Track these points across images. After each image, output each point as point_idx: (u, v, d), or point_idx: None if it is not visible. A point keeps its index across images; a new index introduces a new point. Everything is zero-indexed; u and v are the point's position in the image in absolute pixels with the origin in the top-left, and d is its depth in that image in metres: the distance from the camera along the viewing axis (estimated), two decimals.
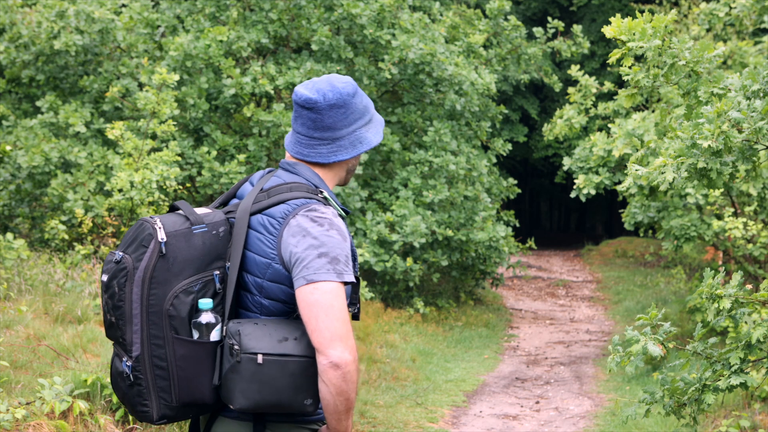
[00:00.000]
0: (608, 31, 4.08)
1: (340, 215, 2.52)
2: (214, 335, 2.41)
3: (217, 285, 2.43)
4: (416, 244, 10.67)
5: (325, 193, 2.52)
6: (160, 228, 2.41)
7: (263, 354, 2.35)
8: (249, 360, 2.34)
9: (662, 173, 3.76)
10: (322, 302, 2.35)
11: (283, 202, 2.46)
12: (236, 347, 2.35)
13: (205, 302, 2.40)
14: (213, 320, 2.41)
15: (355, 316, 2.61)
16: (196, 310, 2.41)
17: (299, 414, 2.45)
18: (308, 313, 2.35)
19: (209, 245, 2.45)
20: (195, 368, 2.40)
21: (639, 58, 4.47)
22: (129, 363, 2.41)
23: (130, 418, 5.13)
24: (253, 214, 2.48)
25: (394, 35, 11.40)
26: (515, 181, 13.79)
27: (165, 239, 2.40)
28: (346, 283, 2.41)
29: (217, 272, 2.44)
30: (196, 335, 2.40)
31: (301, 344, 2.38)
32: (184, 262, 2.41)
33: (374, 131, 2.64)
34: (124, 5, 13.09)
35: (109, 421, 5.02)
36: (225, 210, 2.55)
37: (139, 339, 2.40)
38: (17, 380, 5.20)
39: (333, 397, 2.36)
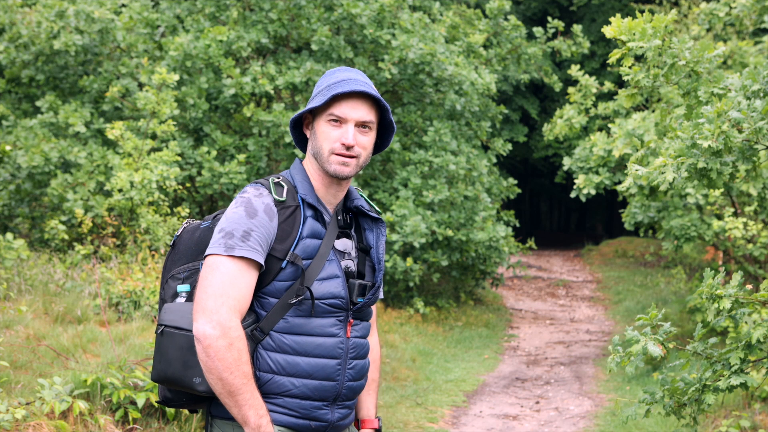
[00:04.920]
0: (608, 31, 4.08)
1: (279, 201, 2.44)
2: None
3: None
4: (416, 244, 10.67)
5: (276, 180, 2.49)
6: (182, 227, 2.61)
7: (164, 326, 2.43)
8: (157, 332, 2.45)
9: (662, 173, 3.75)
10: (202, 275, 2.38)
11: None
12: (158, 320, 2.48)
13: (182, 287, 2.50)
14: None
15: (302, 310, 2.44)
16: (177, 295, 2.52)
17: (195, 392, 2.42)
18: None
19: (202, 237, 2.53)
20: None
21: (639, 58, 4.47)
22: None
23: (130, 417, 5.13)
24: None
25: (394, 35, 11.39)
26: (515, 181, 13.78)
27: (178, 234, 2.58)
28: (261, 265, 2.38)
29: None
30: None
31: None
32: (182, 253, 2.55)
33: (315, 100, 2.53)
34: (124, 5, 13.09)
35: (109, 421, 5.02)
36: None
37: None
38: (17, 380, 5.20)
39: (205, 374, 2.34)
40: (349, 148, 2.48)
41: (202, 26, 10.79)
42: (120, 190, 8.14)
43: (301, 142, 2.65)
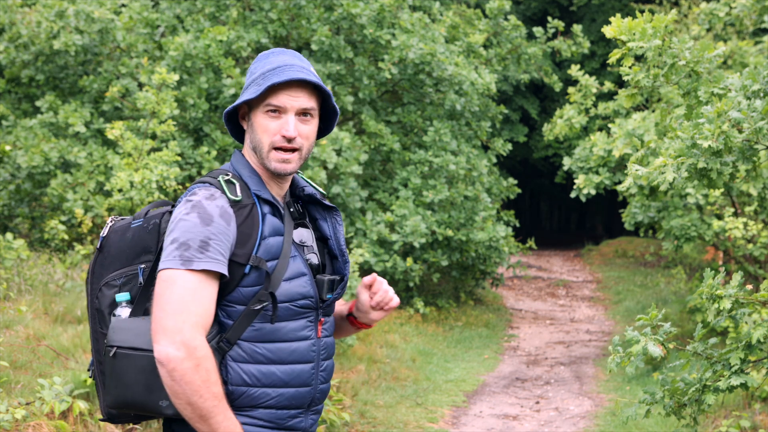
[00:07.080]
0: (608, 31, 4.08)
1: (235, 201, 2.24)
2: None
3: (140, 279, 2.30)
4: (416, 244, 10.67)
5: (226, 177, 2.29)
6: (108, 225, 2.38)
7: (117, 347, 2.20)
8: (107, 353, 2.22)
9: (662, 173, 3.75)
10: (157, 292, 2.16)
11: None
12: (105, 340, 2.25)
13: (121, 296, 2.30)
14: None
15: (266, 318, 2.26)
16: (116, 304, 2.31)
17: (162, 416, 2.23)
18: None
19: (136, 239, 2.32)
20: None
21: (639, 58, 4.47)
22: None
23: None
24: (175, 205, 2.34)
25: (394, 35, 11.39)
26: (515, 181, 13.78)
27: (104, 235, 2.36)
28: (222, 275, 2.19)
29: (143, 266, 2.30)
30: None
31: None
32: (114, 256, 2.33)
33: (250, 91, 2.32)
34: (123, 5, 13.08)
35: None
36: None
37: (90, 335, 2.36)
38: (17, 380, 5.20)
39: (172, 400, 2.13)
40: (290, 140, 2.30)
41: (202, 26, 10.79)
42: (120, 190, 8.13)
43: (239, 133, 2.46)
